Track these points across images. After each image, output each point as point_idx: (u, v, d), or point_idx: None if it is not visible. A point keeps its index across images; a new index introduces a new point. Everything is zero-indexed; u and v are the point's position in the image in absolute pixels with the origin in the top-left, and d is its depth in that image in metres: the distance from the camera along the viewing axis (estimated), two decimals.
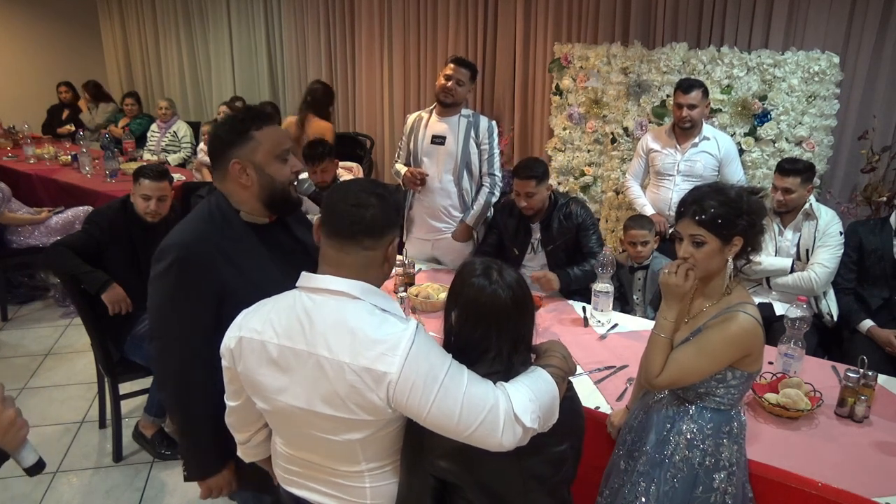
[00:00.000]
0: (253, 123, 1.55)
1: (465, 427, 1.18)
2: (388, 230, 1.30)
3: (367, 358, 1.18)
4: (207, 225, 1.56)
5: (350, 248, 1.27)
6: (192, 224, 1.58)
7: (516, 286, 1.32)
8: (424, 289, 2.79)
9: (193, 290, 1.51)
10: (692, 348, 1.60)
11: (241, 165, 1.54)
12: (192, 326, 1.52)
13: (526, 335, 1.37)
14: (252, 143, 1.54)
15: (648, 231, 2.87)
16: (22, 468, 1.12)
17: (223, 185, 1.60)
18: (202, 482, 1.66)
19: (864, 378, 1.91)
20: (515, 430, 1.20)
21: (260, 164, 1.55)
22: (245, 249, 1.57)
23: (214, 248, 1.52)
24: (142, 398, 2.98)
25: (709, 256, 1.59)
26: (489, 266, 1.35)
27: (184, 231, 1.56)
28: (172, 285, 1.51)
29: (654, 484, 1.67)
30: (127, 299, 2.79)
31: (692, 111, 3.24)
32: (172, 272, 1.50)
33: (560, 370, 1.33)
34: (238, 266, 1.54)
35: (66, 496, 2.72)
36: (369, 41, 5.90)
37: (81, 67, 7.63)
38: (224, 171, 1.57)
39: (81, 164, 5.05)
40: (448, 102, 3.09)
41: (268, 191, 1.57)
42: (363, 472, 1.32)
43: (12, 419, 1.06)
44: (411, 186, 3.16)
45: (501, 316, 1.30)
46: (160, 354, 1.57)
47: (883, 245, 2.81)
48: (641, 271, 2.94)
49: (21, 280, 4.69)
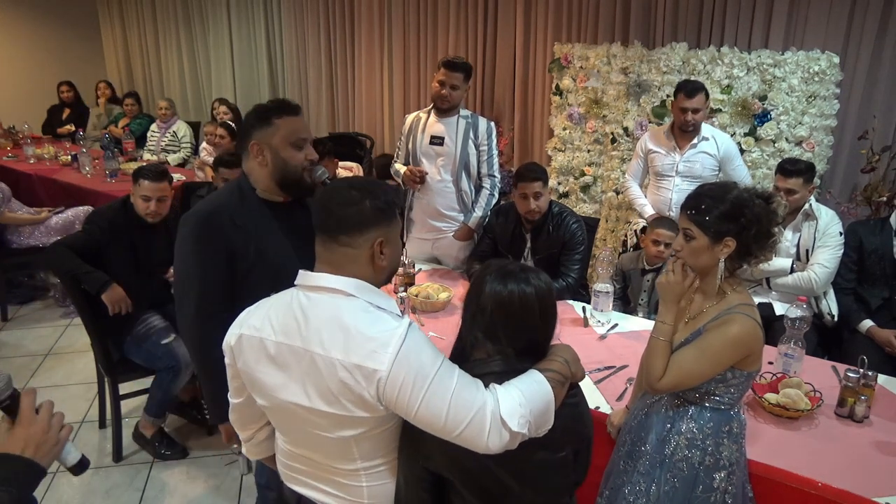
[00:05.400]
0: (275, 112, 1.74)
1: (453, 427, 1.18)
2: (367, 228, 1.27)
3: (359, 355, 1.19)
4: (226, 198, 1.78)
5: (329, 244, 1.29)
6: (212, 198, 1.83)
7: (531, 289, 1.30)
8: (424, 289, 2.79)
9: (207, 250, 1.70)
10: (693, 351, 1.60)
11: (259, 147, 1.73)
12: (208, 282, 1.70)
13: (534, 339, 1.34)
14: (271, 128, 1.73)
15: (675, 234, 2.81)
16: (66, 468, 1.15)
17: (245, 164, 1.80)
18: (222, 425, 1.79)
19: (864, 378, 1.91)
20: (502, 433, 1.19)
21: (276, 147, 1.73)
22: (255, 219, 1.76)
23: (227, 215, 1.73)
24: (142, 398, 2.97)
25: (695, 252, 1.60)
26: (508, 265, 1.34)
27: (204, 203, 1.80)
28: (191, 247, 1.72)
29: (654, 484, 1.67)
30: (127, 299, 2.79)
31: (696, 115, 3.19)
32: (191, 236, 1.72)
33: (558, 374, 1.29)
34: (247, 232, 1.73)
35: (66, 496, 2.72)
36: (369, 41, 5.90)
37: (81, 67, 7.64)
38: (246, 152, 1.77)
39: (81, 164, 5.04)
40: (445, 108, 3.08)
41: (281, 172, 1.74)
42: (359, 470, 1.32)
43: (42, 432, 1.05)
44: (411, 185, 3.16)
45: (505, 314, 1.29)
46: (181, 307, 1.76)
47: (883, 245, 2.81)
48: (652, 273, 2.91)
49: (21, 280, 4.69)
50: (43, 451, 1.04)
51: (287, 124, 1.73)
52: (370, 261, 1.29)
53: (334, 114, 6.48)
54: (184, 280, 1.76)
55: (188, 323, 1.75)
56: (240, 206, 1.76)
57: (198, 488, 2.77)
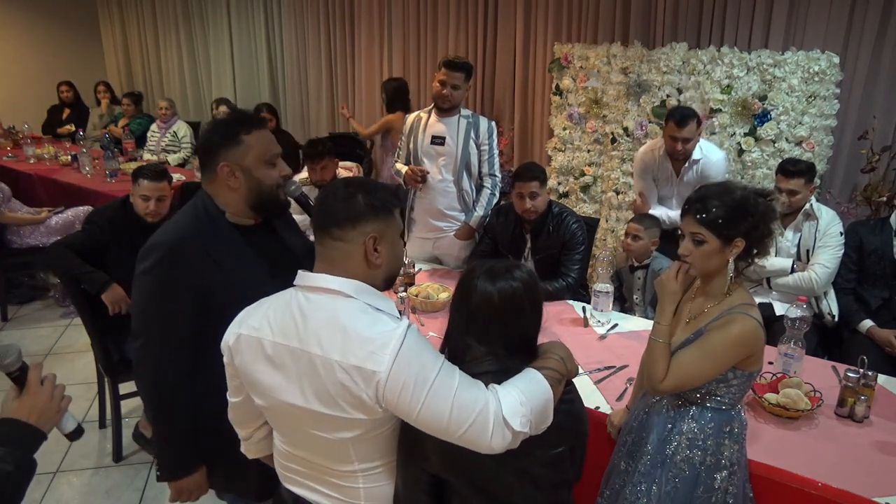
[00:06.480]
0: (243, 128, 1.57)
1: (456, 429, 1.18)
2: (358, 222, 1.26)
3: (357, 356, 1.18)
4: (193, 225, 1.58)
5: (324, 239, 1.28)
6: (177, 224, 1.60)
7: (518, 285, 1.32)
8: (424, 289, 2.79)
9: (174, 290, 1.52)
10: (695, 352, 1.60)
11: (230, 168, 1.56)
12: (171, 326, 1.53)
13: (525, 336, 1.36)
14: (242, 147, 1.56)
15: (644, 228, 2.84)
16: (63, 434, 1.26)
17: (210, 187, 1.62)
18: (172, 483, 1.63)
19: (864, 378, 1.91)
20: (505, 433, 1.19)
21: (249, 167, 1.57)
22: (229, 249, 1.59)
23: (198, 247, 1.54)
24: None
25: (707, 256, 1.59)
26: (492, 266, 1.35)
27: (169, 230, 1.59)
28: (155, 284, 1.54)
29: (655, 484, 1.67)
30: (127, 299, 2.78)
31: (686, 145, 3.07)
32: (155, 271, 1.53)
33: (556, 372, 1.30)
34: (221, 265, 1.56)
35: (66, 496, 2.72)
36: (369, 41, 5.90)
37: (81, 67, 7.64)
38: (213, 173, 1.58)
39: (81, 164, 5.04)
40: (446, 108, 3.08)
41: (255, 193, 1.60)
42: (356, 472, 1.32)
43: (46, 402, 1.17)
44: (412, 184, 3.16)
45: (497, 314, 1.30)
46: (139, 351, 1.58)
47: (883, 245, 2.81)
48: (641, 271, 2.93)
49: (21, 280, 4.69)
50: (45, 419, 1.17)
51: (258, 141, 1.58)
52: (364, 258, 1.28)
53: (334, 114, 6.48)
54: (145, 318, 1.56)
55: (149, 364, 1.56)
56: (211, 233, 1.57)
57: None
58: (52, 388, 1.20)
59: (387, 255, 1.31)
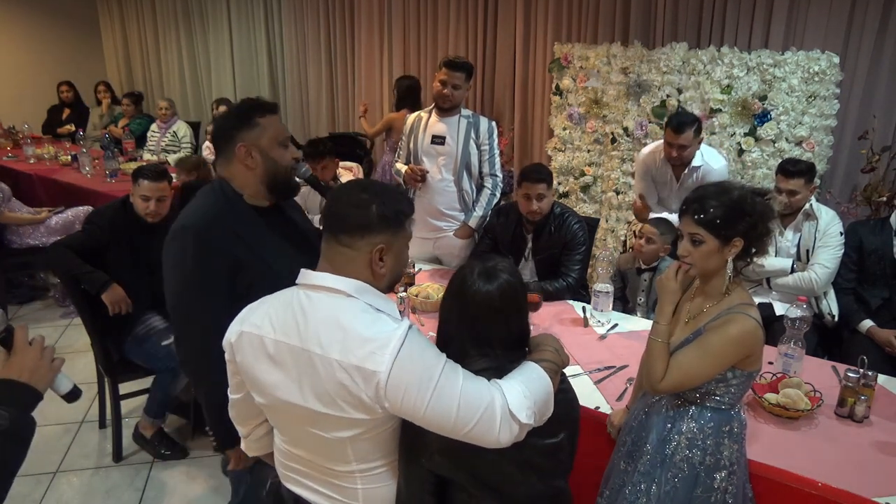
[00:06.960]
0: (257, 112, 1.66)
1: (463, 426, 1.18)
2: (369, 232, 1.26)
3: (357, 356, 1.18)
4: (216, 206, 1.65)
5: (331, 242, 1.29)
6: (200, 206, 1.67)
7: (504, 282, 1.33)
8: (424, 289, 2.79)
9: (210, 269, 1.59)
10: (694, 352, 1.60)
11: (247, 148, 1.64)
12: (210, 304, 1.58)
13: (517, 331, 1.37)
14: (257, 128, 1.65)
15: (659, 233, 2.81)
16: (60, 396, 1.25)
17: (227, 169, 1.68)
18: (232, 451, 1.72)
19: (864, 378, 1.91)
20: (512, 426, 1.20)
21: (264, 148, 1.65)
22: (255, 230, 1.67)
23: (226, 227, 1.61)
24: (142, 398, 2.98)
25: (706, 256, 1.59)
26: (483, 266, 1.36)
27: (195, 213, 1.65)
28: (190, 267, 1.59)
29: (654, 484, 1.67)
30: (127, 299, 2.79)
31: (683, 152, 3.00)
32: (189, 253, 1.58)
33: (553, 364, 1.33)
34: (249, 244, 1.63)
35: (66, 496, 2.72)
36: (369, 41, 5.90)
37: (81, 67, 7.64)
38: (230, 155, 1.65)
39: (81, 164, 5.05)
40: (446, 107, 3.08)
41: (271, 173, 1.67)
42: (354, 472, 1.32)
43: (35, 360, 1.17)
44: (412, 184, 3.16)
45: (488, 312, 1.31)
46: (182, 333, 1.67)
47: (883, 245, 2.81)
48: (648, 273, 2.91)
49: (21, 280, 4.69)
50: (38, 377, 1.16)
51: (272, 123, 1.67)
52: (368, 266, 1.28)
53: (334, 114, 6.49)
54: (185, 304, 1.61)
55: (196, 351, 1.62)
56: (233, 215, 1.64)
57: (198, 488, 2.77)
58: (41, 348, 1.19)
59: (391, 265, 1.31)
